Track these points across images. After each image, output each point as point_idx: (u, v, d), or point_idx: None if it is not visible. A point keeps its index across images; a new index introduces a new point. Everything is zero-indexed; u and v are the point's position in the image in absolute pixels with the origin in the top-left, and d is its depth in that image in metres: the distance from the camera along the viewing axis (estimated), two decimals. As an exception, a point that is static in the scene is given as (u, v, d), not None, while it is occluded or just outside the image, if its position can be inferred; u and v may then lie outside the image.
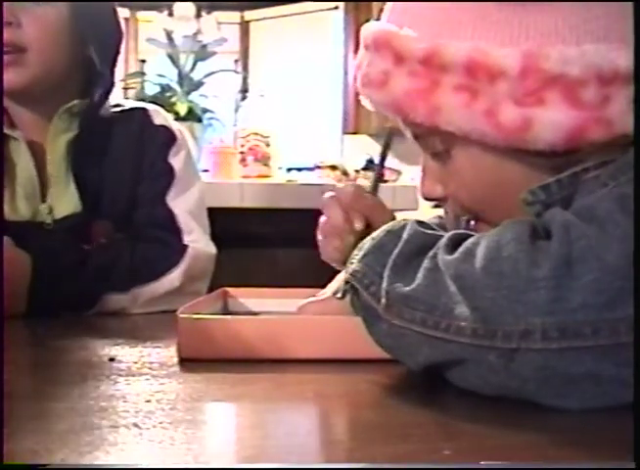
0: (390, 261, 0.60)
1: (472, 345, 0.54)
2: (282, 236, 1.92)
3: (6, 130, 1.11)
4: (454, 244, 0.58)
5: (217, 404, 0.59)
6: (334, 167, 2.77)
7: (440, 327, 0.55)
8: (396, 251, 0.60)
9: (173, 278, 1.10)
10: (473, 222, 0.75)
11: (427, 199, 0.76)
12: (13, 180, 1.10)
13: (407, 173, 3.29)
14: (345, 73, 3.84)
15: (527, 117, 0.63)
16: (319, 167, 2.81)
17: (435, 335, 0.56)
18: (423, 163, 0.75)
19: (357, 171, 3.09)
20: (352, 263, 0.63)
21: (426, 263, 0.58)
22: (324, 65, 3.91)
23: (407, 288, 0.57)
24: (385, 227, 0.64)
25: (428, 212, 0.95)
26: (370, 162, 3.25)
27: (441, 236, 0.60)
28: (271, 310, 0.89)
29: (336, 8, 3.88)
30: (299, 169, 2.98)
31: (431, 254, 0.58)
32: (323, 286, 0.83)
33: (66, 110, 1.12)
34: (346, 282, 0.63)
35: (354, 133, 3.81)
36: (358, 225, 0.80)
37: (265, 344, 0.69)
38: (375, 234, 0.64)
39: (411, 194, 2.06)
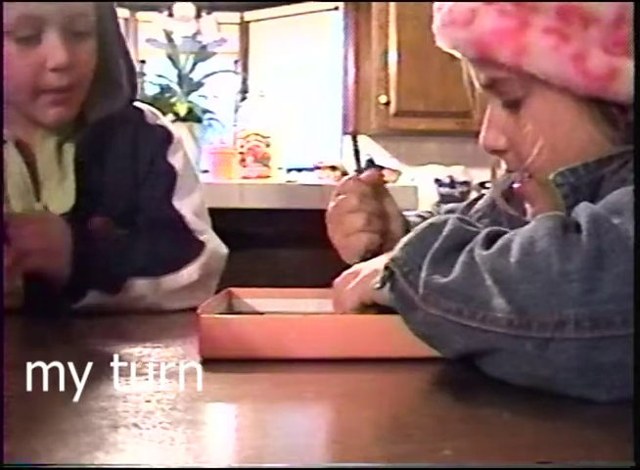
0: (430, 254, 0.61)
1: (507, 334, 0.55)
2: (282, 236, 1.92)
3: None
4: (490, 240, 0.60)
5: (217, 404, 0.59)
6: (334, 168, 2.77)
7: (477, 317, 0.57)
8: (437, 244, 0.62)
9: (192, 271, 1.11)
10: (517, 185, 0.77)
11: (488, 150, 0.77)
12: (6, 180, 1.09)
13: (407, 173, 3.29)
14: (345, 73, 3.84)
15: (615, 66, 0.64)
16: (319, 168, 2.81)
17: (471, 325, 0.57)
18: (489, 113, 0.76)
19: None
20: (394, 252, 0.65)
21: (463, 257, 0.59)
22: (324, 65, 3.90)
23: (444, 279, 0.59)
24: (429, 220, 0.66)
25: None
26: (370, 161, 3.24)
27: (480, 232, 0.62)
28: (276, 310, 0.88)
29: (336, 8, 3.87)
30: (299, 170, 2.98)
31: (467, 248, 0.60)
32: (323, 286, 0.83)
33: None
34: (386, 267, 0.64)
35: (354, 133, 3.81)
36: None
37: (271, 343, 0.68)
38: (418, 226, 0.65)
39: (411, 194, 2.06)
